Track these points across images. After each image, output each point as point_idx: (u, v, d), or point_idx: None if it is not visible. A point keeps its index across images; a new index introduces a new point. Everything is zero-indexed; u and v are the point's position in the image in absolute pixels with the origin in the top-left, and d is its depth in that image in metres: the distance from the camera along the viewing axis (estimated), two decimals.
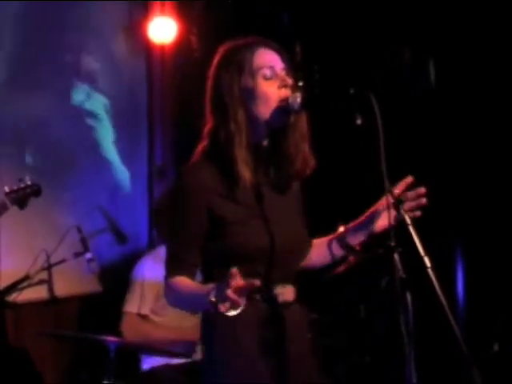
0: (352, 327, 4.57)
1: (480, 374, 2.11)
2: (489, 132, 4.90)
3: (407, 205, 2.37)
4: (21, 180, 3.96)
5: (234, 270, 2.05)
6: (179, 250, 2.40)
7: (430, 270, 2.12)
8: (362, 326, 4.52)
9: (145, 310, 4.26)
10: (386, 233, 2.42)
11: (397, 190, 2.39)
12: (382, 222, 2.46)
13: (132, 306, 4.27)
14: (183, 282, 2.36)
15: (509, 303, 4.81)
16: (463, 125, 4.97)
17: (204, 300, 2.13)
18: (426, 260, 2.13)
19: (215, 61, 2.48)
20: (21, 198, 3.95)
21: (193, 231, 2.39)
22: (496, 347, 4.76)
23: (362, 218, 2.53)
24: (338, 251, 2.58)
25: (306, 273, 2.61)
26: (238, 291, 2.04)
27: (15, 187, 3.94)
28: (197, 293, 2.26)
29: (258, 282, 2.06)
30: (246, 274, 2.33)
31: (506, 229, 4.83)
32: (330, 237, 2.61)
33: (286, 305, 2.42)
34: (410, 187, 2.43)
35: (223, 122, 2.40)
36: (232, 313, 2.07)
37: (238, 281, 2.03)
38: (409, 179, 2.44)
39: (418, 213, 2.39)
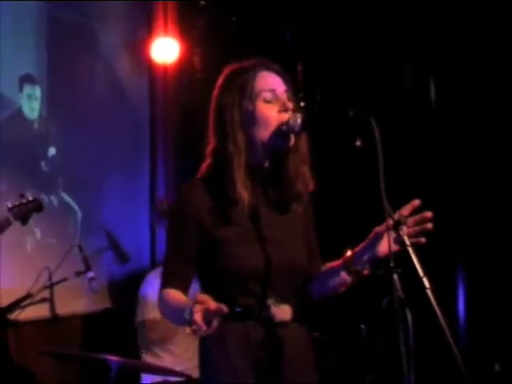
0: (353, 346, 4.57)
1: None
2: (489, 152, 4.92)
3: (412, 230, 2.32)
4: (22, 196, 3.96)
5: (201, 296, 2.08)
6: (172, 265, 2.44)
7: (429, 291, 2.12)
8: (362, 346, 4.52)
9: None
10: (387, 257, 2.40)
11: (404, 212, 2.34)
12: (383, 248, 2.42)
13: (147, 313, 4.35)
14: (172, 294, 2.40)
15: (509, 323, 4.81)
16: (463, 145, 4.99)
17: (180, 316, 2.15)
18: (425, 281, 2.14)
19: (219, 82, 2.51)
20: (23, 214, 3.95)
21: (185, 249, 2.44)
22: (497, 367, 4.76)
23: (364, 243, 2.49)
24: (346, 277, 2.52)
25: (303, 295, 2.61)
26: (207, 315, 2.05)
27: (17, 202, 3.95)
28: (179, 308, 2.26)
29: (225, 308, 2.05)
30: (241, 294, 2.37)
31: (506, 249, 4.84)
32: (337, 262, 2.55)
33: (283, 324, 2.43)
34: (416, 210, 2.38)
35: (223, 143, 2.43)
36: (199, 334, 2.09)
37: (206, 305, 2.05)
38: (416, 202, 2.37)
39: (423, 239, 2.33)
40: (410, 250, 2.18)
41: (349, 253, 2.54)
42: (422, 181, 4.82)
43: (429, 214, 2.36)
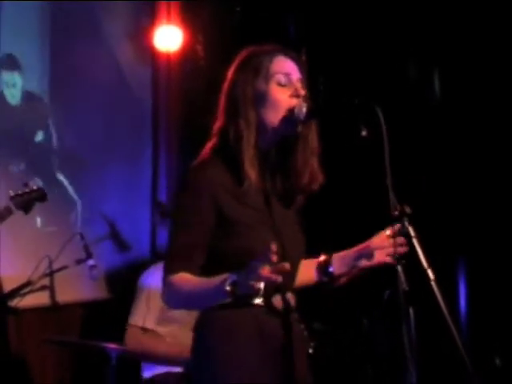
0: (354, 339, 4.56)
1: None
2: (494, 146, 4.90)
3: (391, 250, 2.37)
4: (26, 185, 3.95)
5: (274, 245, 2.02)
6: (181, 246, 2.32)
7: (433, 283, 2.11)
8: (364, 338, 4.51)
9: (149, 324, 4.22)
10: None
11: (386, 233, 2.43)
12: (369, 262, 2.51)
13: (137, 318, 4.22)
14: (184, 277, 2.28)
15: (510, 317, 4.80)
16: (468, 139, 4.97)
17: (214, 292, 2.10)
18: (430, 272, 2.13)
19: (235, 62, 2.49)
20: (26, 203, 3.94)
21: (200, 228, 2.33)
22: (498, 361, 4.75)
23: (352, 251, 2.55)
24: (320, 277, 2.59)
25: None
26: (275, 270, 2.02)
27: (20, 191, 3.94)
28: (203, 286, 2.20)
29: (287, 265, 2.02)
30: None
31: (507, 243, 4.83)
32: (315, 260, 2.60)
33: (291, 311, 2.41)
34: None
35: (234, 120, 2.40)
36: (257, 300, 2.03)
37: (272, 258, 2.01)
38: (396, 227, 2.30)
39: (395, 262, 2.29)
40: (415, 241, 2.17)
41: (322, 257, 2.58)
42: (426, 173, 4.81)
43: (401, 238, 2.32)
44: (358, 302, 4.54)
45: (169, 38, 5.39)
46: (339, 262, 2.56)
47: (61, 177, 4.93)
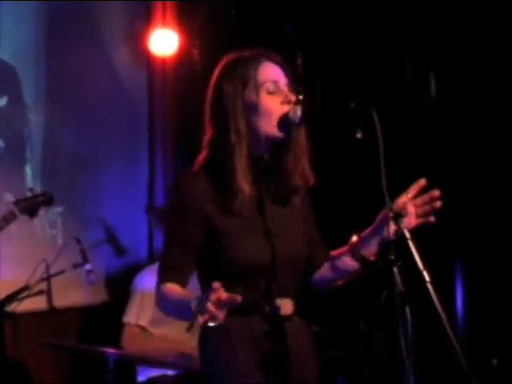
0: (351, 340, 4.57)
1: None
2: (490, 146, 4.91)
3: (421, 209, 2.35)
4: (31, 189, 3.97)
5: (217, 283, 2.02)
6: (172, 258, 2.38)
7: (429, 284, 2.12)
8: (361, 339, 4.52)
9: (143, 322, 4.28)
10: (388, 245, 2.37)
11: (410, 194, 2.38)
12: (393, 229, 2.32)
13: (131, 316, 4.29)
14: (172, 288, 2.35)
15: (508, 318, 4.80)
16: (464, 140, 4.98)
17: (187, 309, 2.11)
18: (426, 274, 2.13)
19: (218, 70, 2.47)
20: (31, 207, 3.95)
21: (187, 240, 2.38)
22: (495, 362, 4.75)
23: (372, 226, 2.47)
24: (352, 264, 2.50)
25: (306, 286, 2.61)
26: (219, 305, 2.01)
27: (24, 197, 3.96)
28: (182, 300, 2.23)
29: (239, 298, 2.02)
30: (245, 288, 2.33)
31: (505, 244, 4.83)
32: (344, 249, 2.54)
33: (286, 318, 2.42)
34: (423, 190, 2.40)
35: (224, 132, 2.39)
36: (210, 324, 2.05)
37: (219, 294, 2.01)
38: (422, 182, 2.41)
39: (432, 218, 2.36)
40: (410, 243, 2.17)
41: (355, 238, 2.51)
42: (422, 174, 4.80)
43: (437, 192, 2.39)
44: (356, 303, 4.54)
45: (164, 41, 5.39)
46: (367, 240, 2.47)
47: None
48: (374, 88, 4.86)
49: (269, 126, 2.39)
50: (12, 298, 4.29)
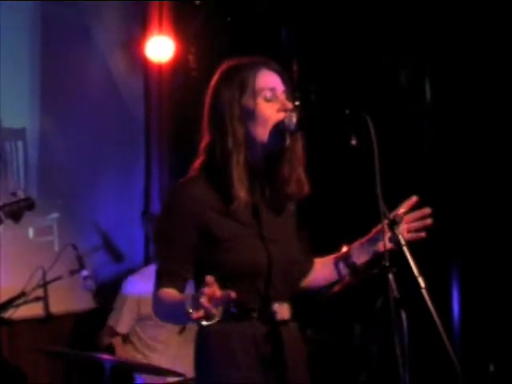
0: (347, 346, 4.57)
1: None
2: (485, 150, 4.92)
3: (411, 225, 2.40)
4: (14, 194, 3.96)
5: (210, 277, 2.03)
6: (168, 263, 2.38)
7: (424, 291, 2.12)
8: (357, 345, 4.52)
9: (121, 329, 4.39)
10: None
11: (401, 210, 2.42)
12: (388, 243, 2.37)
13: (112, 319, 4.44)
14: (168, 293, 2.34)
15: (504, 323, 4.81)
16: (459, 146, 4.99)
17: (182, 310, 2.10)
18: (421, 280, 2.14)
19: (216, 76, 2.48)
20: (15, 212, 3.95)
21: (182, 245, 2.38)
22: (492, 367, 4.76)
23: (367, 237, 2.53)
24: (343, 270, 2.58)
25: (302, 292, 2.62)
26: (212, 300, 2.01)
27: (8, 201, 3.95)
28: (177, 303, 2.22)
29: (233, 294, 2.02)
30: (243, 292, 2.31)
31: (500, 249, 4.84)
32: (334, 256, 2.60)
33: (283, 323, 2.42)
34: (414, 207, 2.45)
35: (221, 138, 2.39)
36: (205, 323, 2.05)
37: (213, 289, 2.01)
38: (413, 199, 2.46)
39: (423, 234, 2.43)
40: (405, 249, 2.18)
41: (344, 248, 2.56)
42: (416, 180, 4.82)
43: (427, 210, 2.44)
44: (351, 309, 4.54)
45: (160, 48, 5.39)
46: (358, 251, 2.55)
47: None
48: (369, 94, 4.87)
49: (265, 133, 2.39)
50: (8, 304, 4.30)
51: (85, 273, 4.43)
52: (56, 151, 4.95)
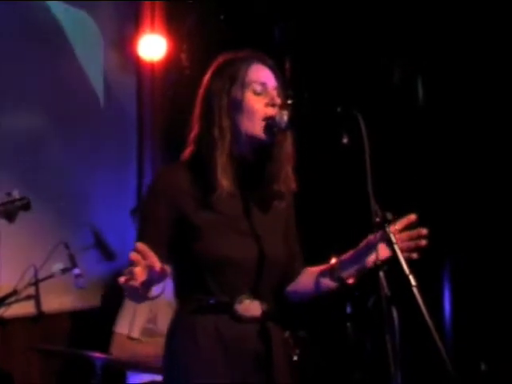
0: (340, 345, 4.57)
1: None
2: (477, 150, 4.93)
3: (406, 244, 2.35)
4: (9, 194, 3.95)
5: (141, 245, 2.04)
6: (142, 241, 2.32)
7: (415, 289, 2.12)
8: (349, 344, 4.52)
9: (135, 333, 4.25)
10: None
11: (397, 226, 2.36)
12: (373, 258, 2.38)
13: (123, 327, 4.26)
14: None
15: (496, 322, 4.82)
16: (452, 145, 5.00)
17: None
18: (411, 278, 2.14)
19: (210, 69, 2.51)
20: (9, 211, 3.94)
21: (159, 228, 2.40)
22: (483, 366, 4.77)
23: (354, 251, 2.49)
24: (330, 283, 2.54)
25: (290, 297, 2.61)
26: (145, 267, 2.02)
27: (3, 201, 3.93)
28: None
29: (158, 265, 2.01)
30: (215, 285, 2.36)
31: (492, 248, 4.85)
32: (322, 267, 2.57)
33: (253, 319, 2.42)
34: (411, 225, 2.39)
35: (208, 128, 2.43)
36: (132, 283, 2.03)
37: (143, 247, 2.03)
38: (411, 217, 2.40)
39: (415, 255, 2.36)
40: (396, 247, 2.18)
41: (333, 260, 2.55)
42: (409, 179, 4.83)
43: (424, 231, 2.38)
44: (342, 307, 4.55)
45: (153, 46, 5.39)
46: (346, 264, 2.50)
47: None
48: (361, 93, 4.87)
49: (250, 126, 2.41)
50: (0, 302, 4.29)
51: (77, 271, 4.43)
52: (48, 150, 4.94)
